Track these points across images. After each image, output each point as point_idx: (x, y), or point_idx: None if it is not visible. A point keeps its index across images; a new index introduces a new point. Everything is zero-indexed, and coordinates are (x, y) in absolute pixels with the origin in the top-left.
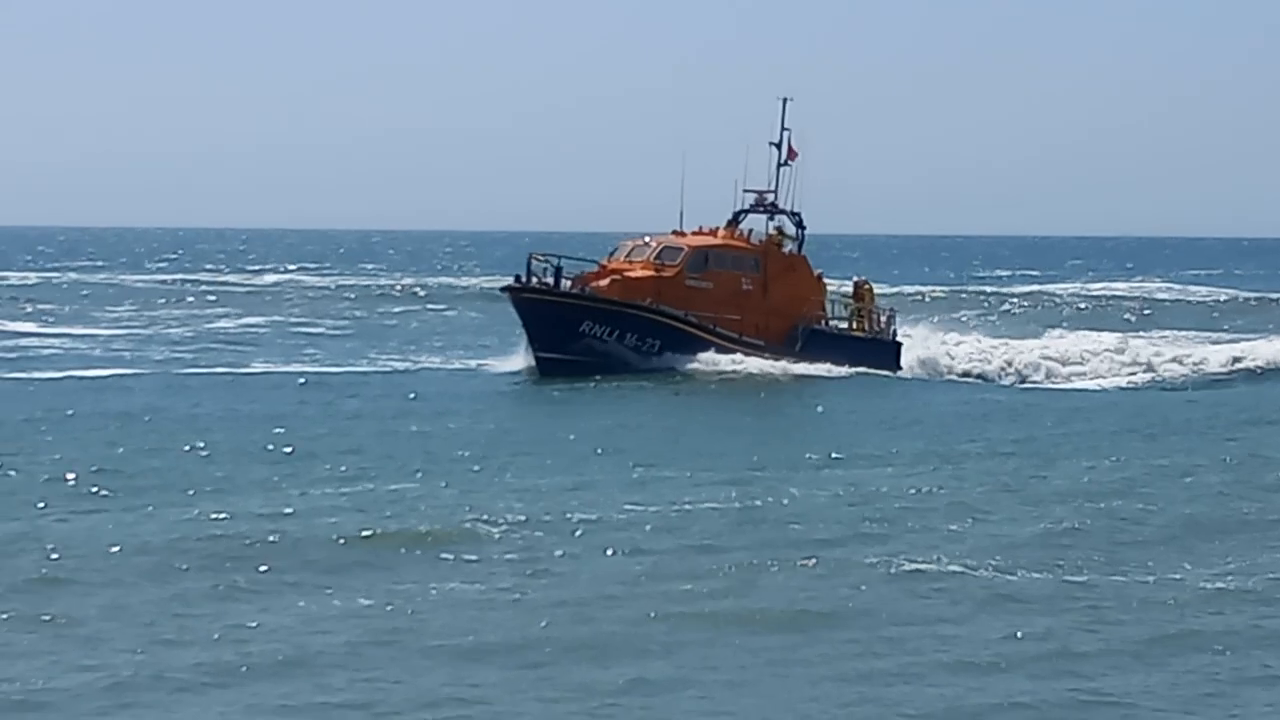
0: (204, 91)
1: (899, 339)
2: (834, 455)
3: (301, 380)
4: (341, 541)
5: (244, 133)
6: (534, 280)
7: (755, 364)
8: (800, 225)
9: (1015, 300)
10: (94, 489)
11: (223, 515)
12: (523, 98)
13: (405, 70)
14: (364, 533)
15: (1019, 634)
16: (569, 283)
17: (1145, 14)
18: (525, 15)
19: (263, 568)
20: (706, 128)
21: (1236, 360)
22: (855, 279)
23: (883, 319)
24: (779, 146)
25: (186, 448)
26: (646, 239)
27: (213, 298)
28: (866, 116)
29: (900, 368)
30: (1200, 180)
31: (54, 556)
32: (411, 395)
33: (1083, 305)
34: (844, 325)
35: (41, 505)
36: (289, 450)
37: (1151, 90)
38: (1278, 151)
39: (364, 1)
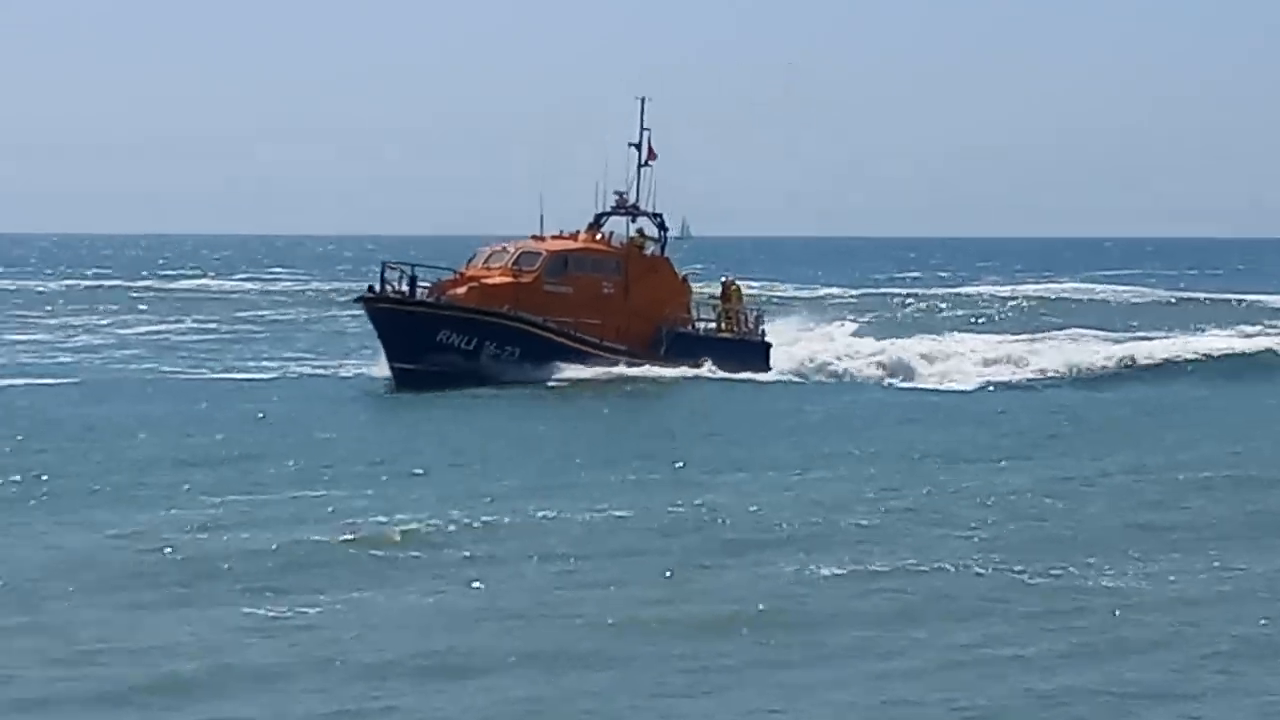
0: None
1: (767, 339)
2: (712, 462)
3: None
4: (260, 552)
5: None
6: (388, 289)
7: (618, 370)
8: (662, 226)
9: (916, 302)
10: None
11: (137, 527)
12: (387, 98)
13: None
14: (277, 545)
15: (954, 637)
16: (425, 291)
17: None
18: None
19: (178, 581)
20: (565, 129)
21: (1124, 360)
22: (723, 279)
23: (750, 319)
24: (639, 147)
25: (99, 457)
26: (504, 245)
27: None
28: (744, 118)
29: (769, 368)
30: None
31: None
32: (274, 399)
33: (985, 307)
34: (712, 327)
35: None
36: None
37: (1087, 90)
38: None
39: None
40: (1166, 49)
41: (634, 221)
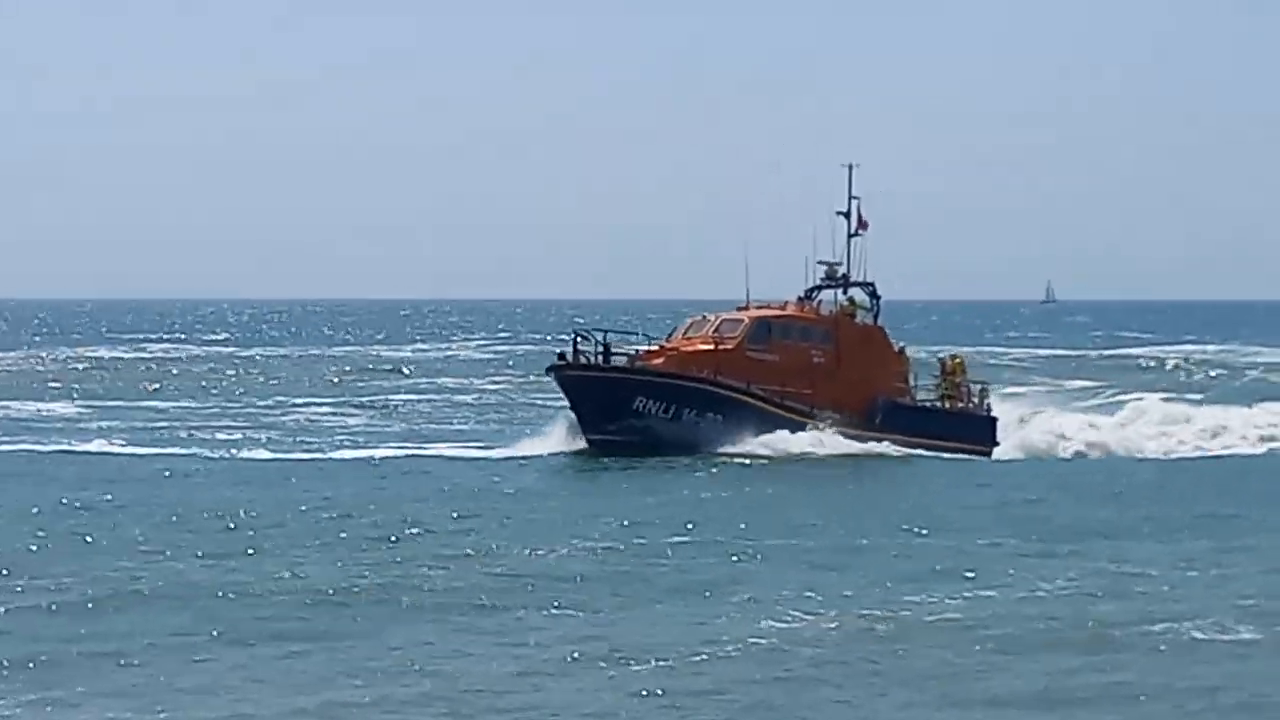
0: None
1: (993, 414)
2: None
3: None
4: None
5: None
6: (581, 359)
7: (832, 440)
8: (875, 295)
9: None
10: None
11: None
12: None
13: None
14: None
15: None
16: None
17: None
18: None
19: None
20: (771, 198)
21: None
22: (940, 356)
23: (974, 392)
24: (847, 216)
25: None
26: (705, 315)
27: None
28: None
29: (997, 444)
30: None
31: None
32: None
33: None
34: (932, 399)
35: None
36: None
37: None
38: None
39: None
40: None
41: (845, 293)
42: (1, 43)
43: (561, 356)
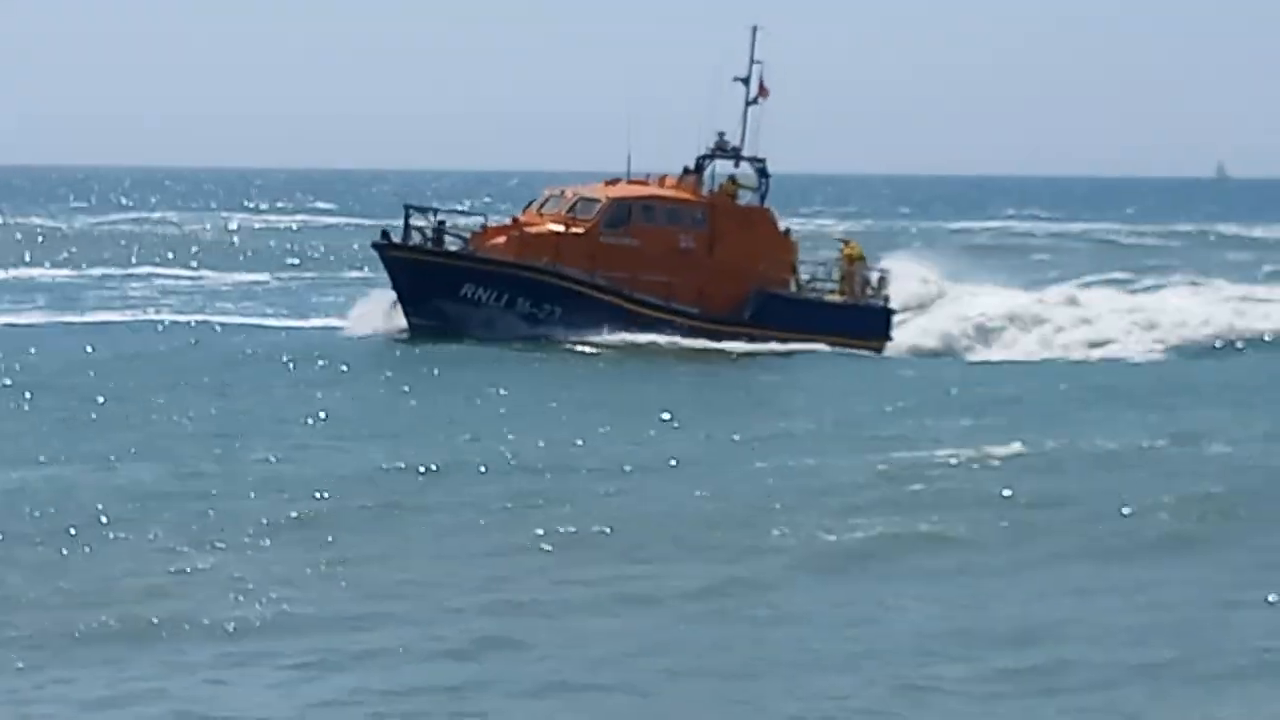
0: None
1: (890, 305)
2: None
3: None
4: None
5: None
6: (413, 235)
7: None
8: (764, 174)
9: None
10: None
11: None
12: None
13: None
14: None
15: None
16: (458, 240)
17: None
18: None
19: None
20: (668, 60)
21: None
22: (840, 239)
23: (872, 281)
24: (746, 82)
25: None
26: (564, 190)
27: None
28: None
29: (890, 339)
30: None
31: None
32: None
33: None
34: (827, 291)
35: None
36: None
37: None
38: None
39: None
40: None
41: (737, 166)
42: None
43: (385, 235)
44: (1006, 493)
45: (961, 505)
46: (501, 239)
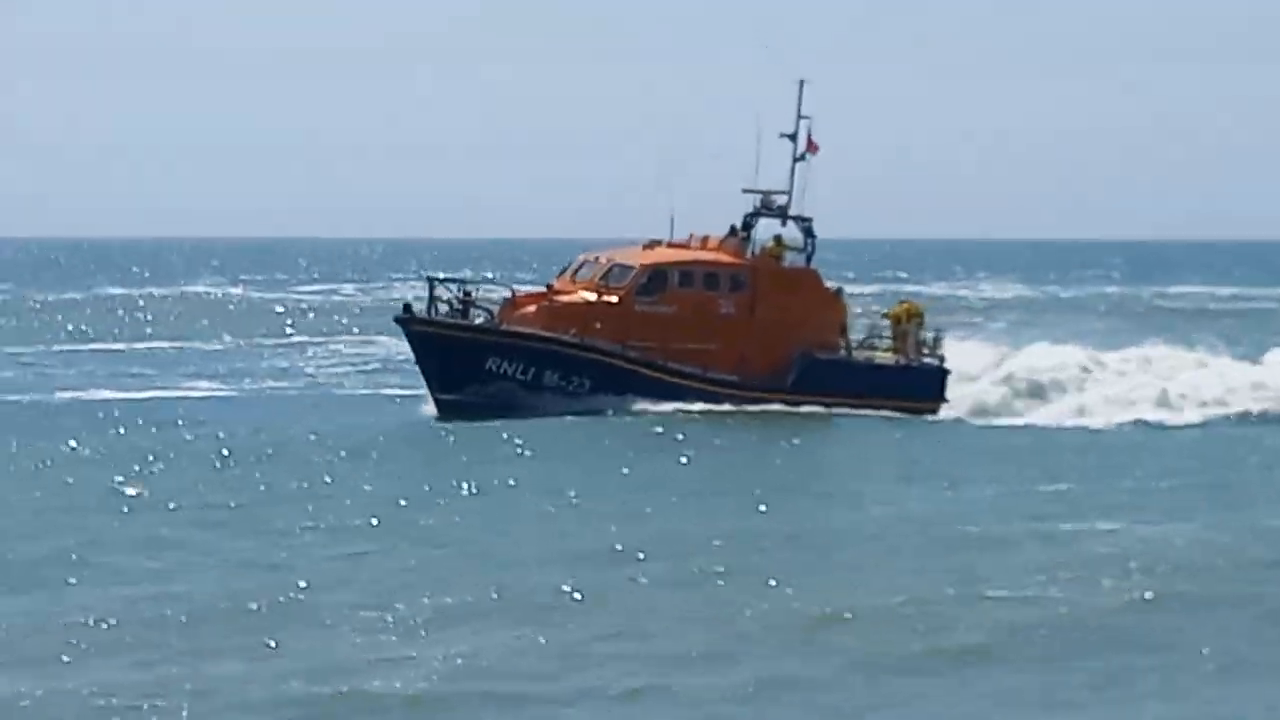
0: None
1: (945, 365)
2: None
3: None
4: None
5: None
6: (436, 308)
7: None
8: (809, 234)
9: None
10: None
11: None
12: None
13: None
14: None
15: None
16: (486, 313)
17: None
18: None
19: None
20: (711, 117)
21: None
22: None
23: (927, 340)
24: (793, 138)
25: None
26: (598, 255)
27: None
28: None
29: (945, 400)
30: None
31: None
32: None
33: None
34: (879, 353)
35: None
36: None
37: None
38: None
39: None
40: None
41: (784, 226)
42: None
43: (407, 308)
44: None
45: None
46: (531, 309)
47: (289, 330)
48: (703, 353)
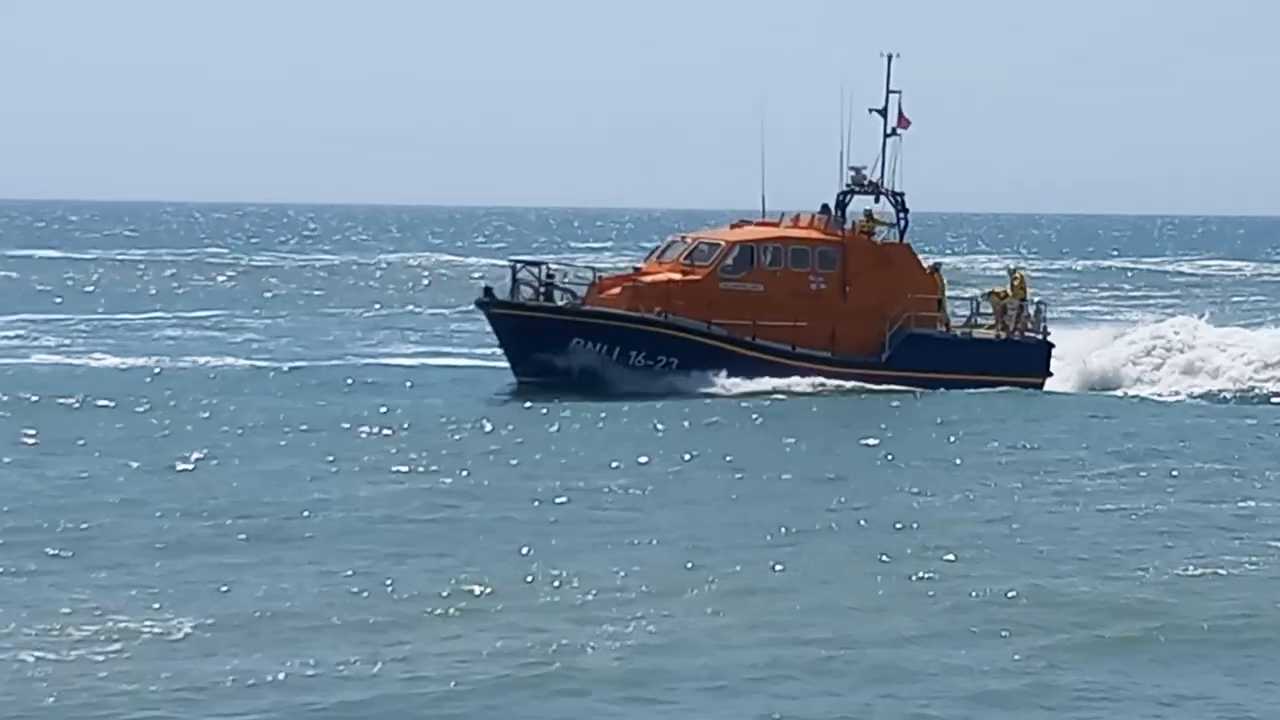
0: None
1: (1049, 339)
2: None
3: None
4: None
5: None
6: (520, 292)
7: (807, 381)
8: (902, 207)
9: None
10: None
11: None
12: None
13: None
14: None
15: None
16: (569, 294)
17: None
18: None
19: None
20: (800, 93)
21: None
22: (1010, 268)
23: (1029, 313)
24: (884, 113)
25: None
26: (685, 235)
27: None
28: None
29: (1050, 374)
30: None
31: None
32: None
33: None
34: (980, 328)
35: None
36: None
37: None
38: None
39: None
40: None
41: (876, 202)
42: None
43: (488, 291)
44: None
45: None
46: (616, 290)
47: None
48: (793, 329)
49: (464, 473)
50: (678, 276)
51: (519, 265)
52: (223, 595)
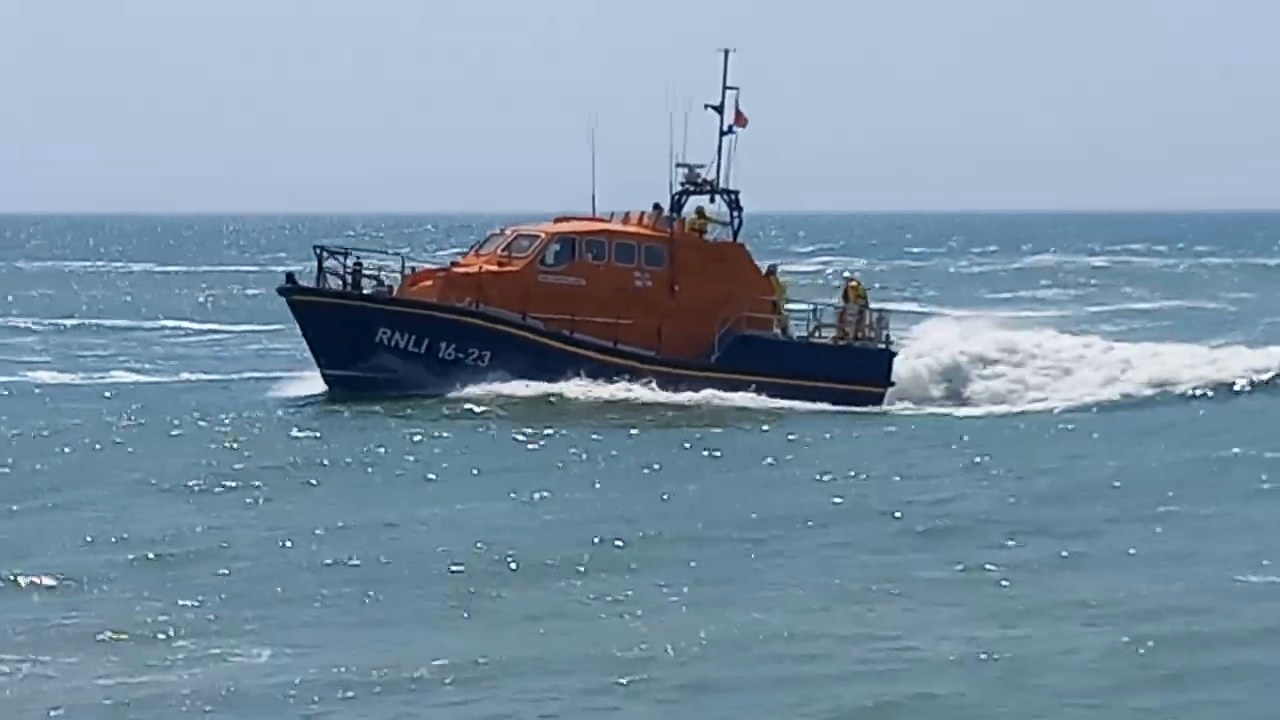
0: None
1: (891, 347)
2: None
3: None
4: None
5: None
6: (325, 280)
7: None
8: (735, 206)
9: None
10: None
11: None
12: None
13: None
14: None
15: None
16: (377, 283)
17: None
18: None
19: None
20: (633, 87)
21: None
22: (846, 275)
23: (870, 320)
24: (720, 110)
25: None
26: (504, 229)
27: None
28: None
29: (891, 384)
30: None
31: None
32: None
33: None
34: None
35: None
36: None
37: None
38: None
39: None
40: None
41: (712, 201)
42: None
43: (290, 278)
44: None
45: None
46: (429, 282)
47: None
48: (615, 326)
49: None
50: (493, 268)
51: (325, 253)
52: None
